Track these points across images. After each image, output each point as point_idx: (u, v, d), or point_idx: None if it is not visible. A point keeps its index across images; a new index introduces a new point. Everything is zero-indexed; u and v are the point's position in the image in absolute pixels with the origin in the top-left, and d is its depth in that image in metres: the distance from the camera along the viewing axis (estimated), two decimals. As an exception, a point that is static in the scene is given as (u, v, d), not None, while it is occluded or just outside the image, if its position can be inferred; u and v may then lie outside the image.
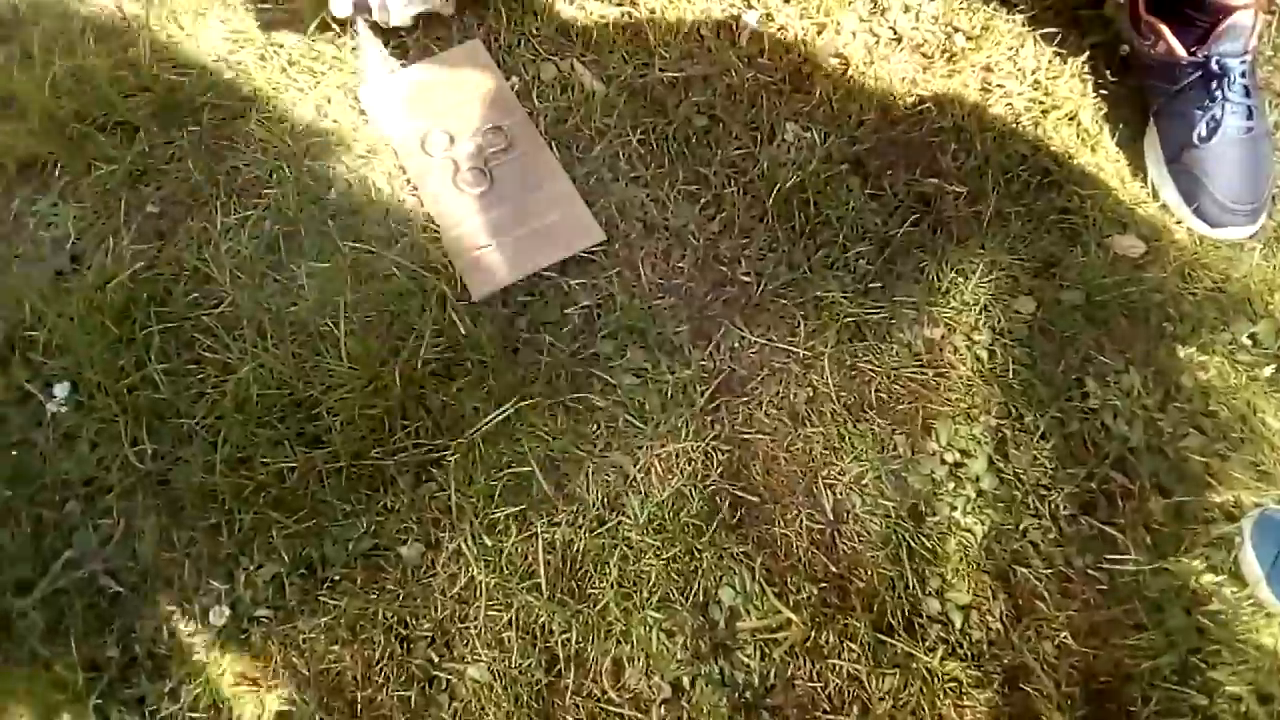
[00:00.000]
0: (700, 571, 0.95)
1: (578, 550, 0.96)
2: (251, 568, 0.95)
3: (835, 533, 0.97)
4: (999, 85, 1.19)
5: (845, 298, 1.06)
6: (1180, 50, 1.09)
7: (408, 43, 1.17)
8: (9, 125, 1.11)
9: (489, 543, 0.95)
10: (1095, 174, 1.14)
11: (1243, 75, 1.08)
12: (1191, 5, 1.09)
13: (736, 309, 1.07)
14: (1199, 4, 1.09)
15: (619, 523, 0.97)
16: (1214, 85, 1.08)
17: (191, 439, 0.98)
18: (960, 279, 1.07)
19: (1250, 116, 1.09)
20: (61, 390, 1.00)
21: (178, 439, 0.98)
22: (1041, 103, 1.17)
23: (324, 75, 1.14)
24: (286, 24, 1.19)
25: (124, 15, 1.17)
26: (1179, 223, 1.12)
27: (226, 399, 0.99)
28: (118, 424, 0.98)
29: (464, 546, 0.95)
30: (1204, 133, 1.09)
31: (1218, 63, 1.07)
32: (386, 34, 1.16)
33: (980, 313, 1.07)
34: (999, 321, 1.06)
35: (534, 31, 1.19)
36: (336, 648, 0.93)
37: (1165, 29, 1.10)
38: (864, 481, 0.99)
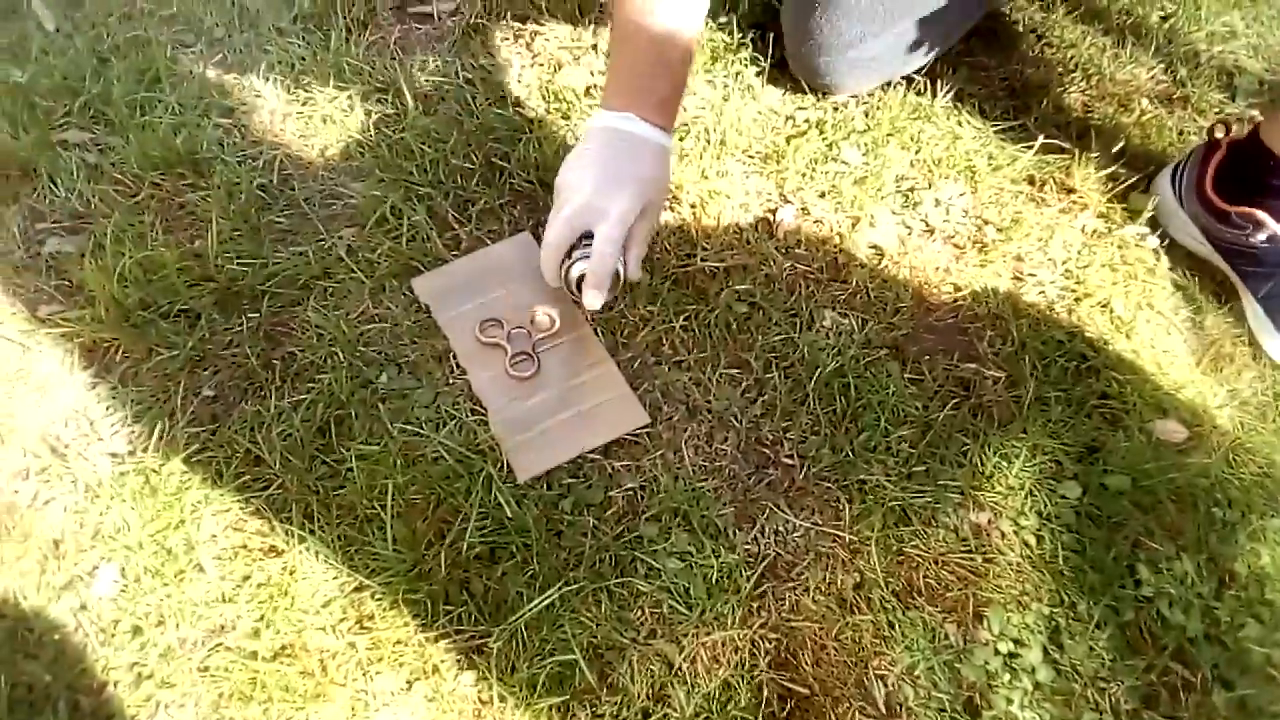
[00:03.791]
0: (750, 769, 0.92)
1: (623, 745, 0.93)
2: (289, 761, 0.92)
3: (889, 728, 0.94)
4: (1031, 274, 1.22)
5: (889, 481, 1.07)
6: None
7: (460, 235, 1.23)
8: (76, 313, 1.15)
9: (532, 736, 0.93)
10: (1132, 360, 1.15)
11: None
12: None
13: (780, 492, 1.07)
14: None
15: (664, 715, 0.94)
16: None
17: (235, 626, 0.97)
18: (1004, 463, 1.08)
19: None
20: (109, 574, 1.00)
21: (220, 626, 0.97)
22: (1074, 291, 1.21)
23: (379, 264, 1.19)
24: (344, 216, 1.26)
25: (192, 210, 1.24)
26: (1220, 407, 1.13)
27: (271, 583, 0.99)
28: (162, 610, 0.98)
29: (507, 740, 0.93)
30: None
31: None
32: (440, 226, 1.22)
33: (1026, 497, 1.06)
34: (1045, 506, 1.06)
35: (580, 224, 1.25)
36: None
37: (1266, 216, 1.14)
38: (916, 672, 0.97)
